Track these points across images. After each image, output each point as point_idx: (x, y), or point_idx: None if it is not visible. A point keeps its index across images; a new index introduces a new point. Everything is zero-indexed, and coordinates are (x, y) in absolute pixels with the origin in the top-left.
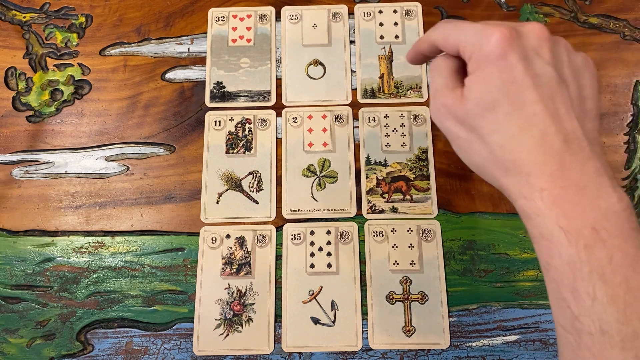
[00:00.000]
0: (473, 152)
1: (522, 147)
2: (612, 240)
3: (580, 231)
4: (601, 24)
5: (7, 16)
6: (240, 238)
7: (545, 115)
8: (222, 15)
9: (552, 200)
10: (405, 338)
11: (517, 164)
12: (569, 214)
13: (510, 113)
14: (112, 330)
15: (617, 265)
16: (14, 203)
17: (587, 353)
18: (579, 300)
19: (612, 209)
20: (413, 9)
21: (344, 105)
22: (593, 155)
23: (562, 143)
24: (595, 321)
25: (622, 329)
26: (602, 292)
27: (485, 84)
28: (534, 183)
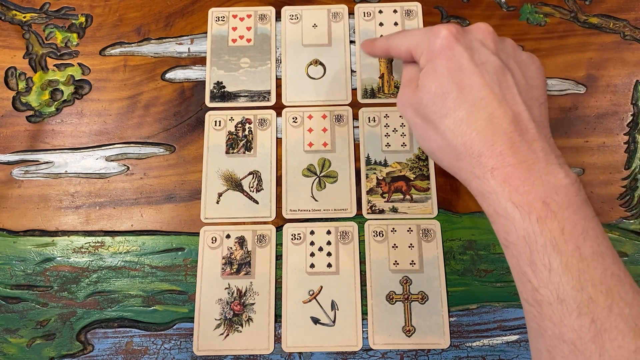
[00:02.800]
0: (429, 139)
1: (471, 129)
2: (562, 212)
3: (532, 205)
4: (601, 24)
5: (7, 16)
6: (240, 238)
7: (492, 99)
8: (222, 15)
9: (503, 177)
10: (405, 338)
11: (467, 146)
12: (519, 189)
13: (458, 98)
14: (112, 330)
15: (569, 235)
16: (14, 203)
17: (549, 323)
18: (537, 273)
19: (560, 183)
20: (413, 9)
21: (344, 105)
22: (540, 137)
23: (509, 124)
24: (553, 291)
25: (577, 295)
26: (557, 262)
27: (434, 73)
28: (485, 163)
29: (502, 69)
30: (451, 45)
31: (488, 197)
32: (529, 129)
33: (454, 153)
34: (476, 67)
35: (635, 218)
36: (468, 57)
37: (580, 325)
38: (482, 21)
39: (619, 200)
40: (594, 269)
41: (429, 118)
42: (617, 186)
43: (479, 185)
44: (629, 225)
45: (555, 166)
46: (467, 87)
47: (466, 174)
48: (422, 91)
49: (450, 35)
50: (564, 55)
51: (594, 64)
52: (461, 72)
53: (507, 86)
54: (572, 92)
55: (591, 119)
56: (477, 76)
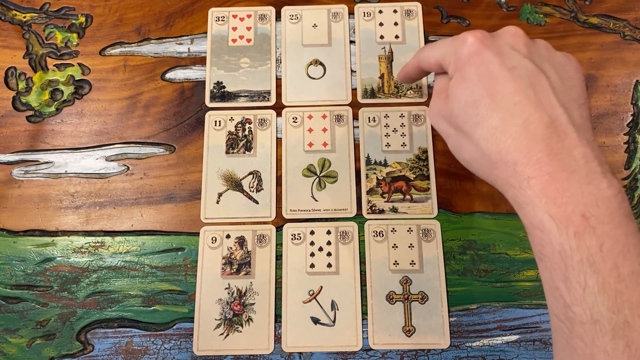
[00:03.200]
0: (462, 149)
1: (505, 137)
2: (602, 227)
3: (570, 218)
4: (601, 24)
5: (7, 16)
6: (240, 238)
7: (526, 104)
8: (222, 15)
9: (540, 187)
10: (405, 338)
11: (502, 154)
12: (557, 200)
13: (490, 105)
14: (112, 330)
15: (607, 252)
16: (14, 203)
17: (580, 342)
18: (571, 290)
19: (602, 195)
20: (413, 9)
21: (344, 105)
22: (581, 142)
23: (546, 129)
24: (587, 310)
25: (613, 317)
26: (593, 280)
27: (463, 81)
28: (520, 172)
29: (536, 72)
30: (479, 51)
31: (524, 207)
32: (569, 134)
33: (489, 162)
34: (508, 71)
35: (636, 218)
36: (498, 62)
37: (614, 348)
38: (482, 21)
39: None
40: (632, 291)
41: (461, 128)
42: None
43: (515, 195)
44: None
45: (597, 175)
46: (499, 93)
47: (502, 184)
48: (452, 100)
49: (477, 41)
50: None
51: (594, 64)
52: (492, 78)
53: (542, 89)
54: None
55: (591, 119)
56: (508, 81)
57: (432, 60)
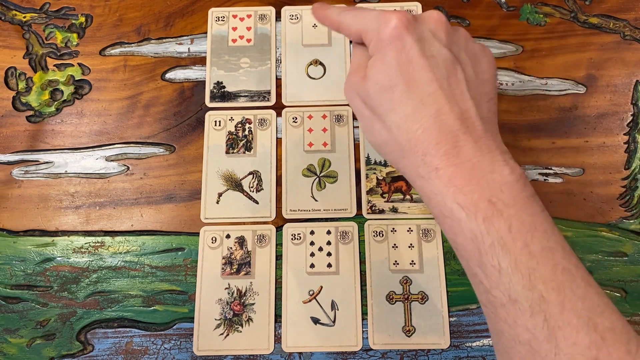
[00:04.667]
0: (374, 132)
1: (417, 127)
2: (508, 210)
3: (478, 205)
4: (601, 24)
5: (7, 16)
6: (240, 238)
7: (440, 95)
8: (222, 15)
9: (447, 178)
10: (405, 338)
11: (412, 143)
12: (464, 189)
13: (406, 92)
14: (112, 330)
15: (516, 232)
16: (14, 203)
17: (504, 324)
18: (488, 274)
19: (505, 180)
20: (413, 9)
21: (344, 105)
22: (486, 134)
23: (455, 121)
24: (505, 292)
25: (528, 294)
26: (506, 261)
27: (382, 64)
28: (429, 162)
29: (453, 62)
30: (401, 35)
31: (433, 198)
32: (476, 126)
33: (399, 150)
34: (426, 60)
35: (635, 218)
36: (418, 49)
37: (534, 324)
38: (482, 21)
39: (619, 200)
40: (544, 266)
41: (376, 110)
42: (617, 186)
43: (423, 185)
44: (629, 225)
45: (500, 163)
46: (416, 82)
47: (411, 173)
48: (369, 82)
49: (401, 25)
50: (564, 55)
51: (594, 64)
52: (410, 65)
53: (456, 81)
54: (572, 92)
55: (591, 119)
56: (426, 70)
57: (354, 29)
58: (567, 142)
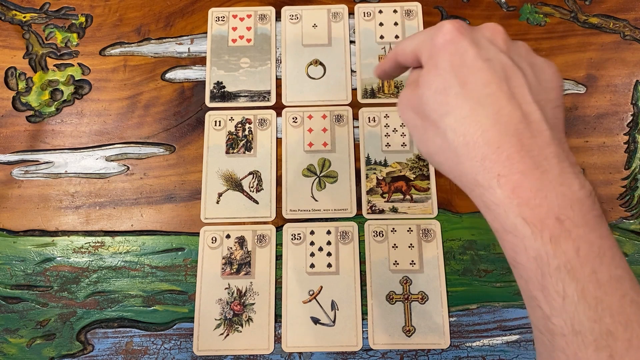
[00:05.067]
0: (428, 141)
1: (474, 129)
2: (577, 230)
3: (544, 222)
4: (601, 24)
5: (7, 16)
6: (240, 238)
7: (499, 96)
8: (222, 15)
9: (511, 187)
10: (405, 338)
11: (469, 147)
12: (530, 202)
13: (461, 94)
14: (112, 330)
15: (585, 257)
16: (14, 203)
17: (562, 355)
18: (550, 299)
19: (575, 196)
20: (413, 9)
21: (344, 105)
22: (553, 141)
23: (518, 124)
24: (567, 321)
25: (594, 327)
26: (572, 288)
27: (435, 69)
28: (490, 168)
29: (512, 67)
30: (455, 39)
31: (494, 209)
32: (542, 131)
33: (454, 156)
34: (482, 62)
35: (635, 218)
36: (473, 52)
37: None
38: (482, 21)
39: (619, 200)
40: (612, 297)
41: (429, 117)
42: (617, 186)
43: (482, 194)
44: (629, 225)
45: (569, 175)
46: (471, 83)
47: (468, 181)
48: (422, 88)
49: (454, 29)
50: (564, 55)
51: (594, 64)
52: (465, 67)
53: (517, 84)
54: (572, 92)
55: (591, 119)
56: (482, 72)
57: (408, 50)
58: (567, 142)
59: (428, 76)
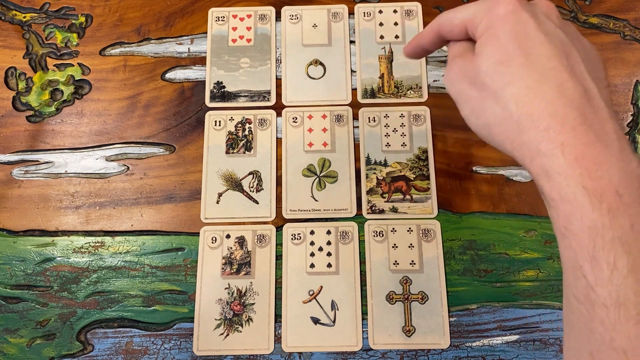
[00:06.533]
0: (485, 112)
1: (539, 99)
2: (634, 207)
3: (604, 194)
4: (601, 24)
5: (7, 16)
6: (240, 238)
7: (562, 70)
8: (222, 15)
9: (574, 156)
10: (405, 338)
11: (534, 117)
12: (593, 173)
13: (525, 65)
14: (112, 330)
15: (638, 232)
16: (14, 203)
17: (599, 325)
18: (597, 270)
19: (635, 173)
20: (413, 9)
21: (344, 105)
22: (611, 118)
23: (581, 99)
24: (613, 293)
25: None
26: (623, 261)
27: (496, 38)
28: (554, 138)
29: (569, 43)
30: (517, 10)
31: (554, 177)
32: (601, 108)
33: (515, 126)
34: (544, 35)
35: None
36: (535, 24)
37: (637, 334)
38: None
39: None
40: None
41: (488, 87)
42: None
43: (544, 163)
44: None
45: (629, 152)
46: (535, 55)
47: (529, 151)
48: (481, 58)
49: (515, 1)
50: None
51: None
52: (528, 38)
53: (575, 61)
54: None
55: None
56: (545, 45)
57: (457, 21)
58: None
59: (489, 46)
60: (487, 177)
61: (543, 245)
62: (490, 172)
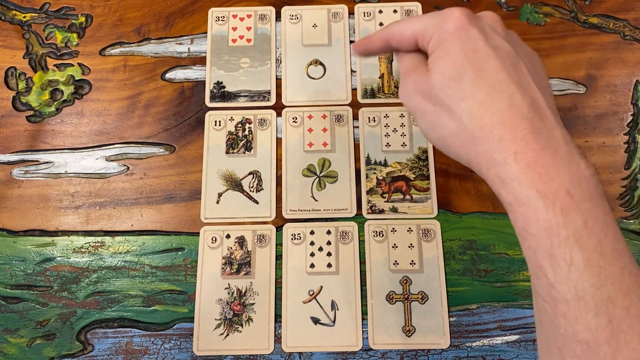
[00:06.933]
0: (440, 126)
1: (491, 112)
2: (584, 205)
3: (557, 195)
4: (601, 24)
5: (7, 16)
6: (240, 238)
7: (510, 83)
8: (222, 15)
9: (526, 163)
10: (405, 338)
11: (487, 129)
12: (544, 177)
13: (476, 80)
14: (112, 330)
15: (591, 229)
16: (14, 203)
17: (563, 320)
18: (556, 267)
19: (583, 174)
20: (413, 9)
21: (344, 105)
22: (558, 124)
23: (529, 109)
24: (572, 287)
25: (596, 293)
26: (579, 257)
27: (448, 54)
28: (507, 147)
29: (514, 55)
30: (465, 27)
31: (509, 183)
32: (548, 116)
33: (470, 138)
34: (492, 50)
35: (635, 218)
36: (483, 40)
37: (597, 324)
38: None
39: (619, 200)
40: (614, 267)
41: (442, 102)
42: (617, 186)
43: (499, 171)
44: (629, 225)
45: (577, 156)
46: (485, 70)
47: (484, 160)
48: (434, 74)
49: (464, 17)
50: (564, 55)
51: (594, 64)
52: (477, 54)
53: (522, 72)
54: (572, 92)
55: (591, 119)
56: (493, 59)
57: (408, 33)
58: None
59: (440, 62)
60: None
61: None
62: None
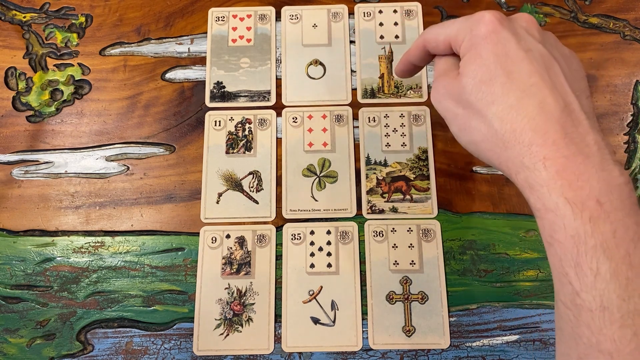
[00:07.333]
0: (471, 129)
1: (521, 117)
2: (615, 214)
3: (585, 203)
4: (601, 24)
5: (7, 16)
6: (240, 238)
7: (542, 86)
8: (222, 15)
9: (556, 169)
10: (405, 338)
11: (517, 134)
12: (573, 184)
13: (507, 84)
14: (112, 330)
15: (620, 239)
16: (14, 203)
17: (586, 330)
18: (582, 276)
19: (615, 182)
20: (413, 9)
21: (344, 105)
22: (592, 129)
23: (561, 113)
24: (597, 297)
25: (622, 305)
26: (606, 267)
27: (479, 58)
28: (536, 152)
29: (549, 57)
30: (497, 30)
31: (538, 190)
32: (581, 120)
33: (500, 142)
34: (524, 52)
35: None
36: (515, 42)
37: (621, 336)
38: None
39: None
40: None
41: (473, 106)
42: None
43: (528, 176)
44: None
45: (609, 162)
46: (516, 73)
47: (514, 165)
48: (465, 78)
49: (495, 20)
50: None
51: (594, 64)
52: (508, 57)
53: (556, 74)
54: None
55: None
56: (525, 62)
57: (442, 37)
58: None
59: (472, 66)
60: (487, 177)
61: (543, 245)
62: (490, 172)
